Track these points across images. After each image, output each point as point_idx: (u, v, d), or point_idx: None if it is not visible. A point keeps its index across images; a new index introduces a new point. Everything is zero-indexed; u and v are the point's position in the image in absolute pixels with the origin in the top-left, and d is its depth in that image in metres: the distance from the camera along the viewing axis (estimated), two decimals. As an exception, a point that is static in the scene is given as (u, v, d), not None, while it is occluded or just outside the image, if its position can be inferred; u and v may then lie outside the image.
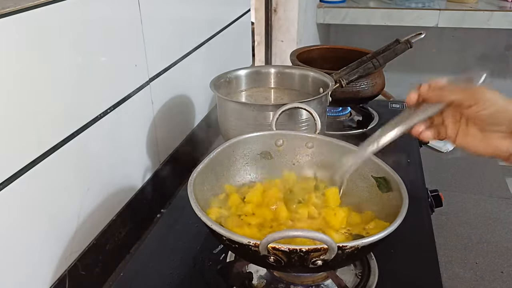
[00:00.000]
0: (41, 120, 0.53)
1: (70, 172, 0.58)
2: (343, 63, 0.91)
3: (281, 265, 0.44)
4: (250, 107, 0.72)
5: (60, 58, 0.55)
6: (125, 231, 0.72)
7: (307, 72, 0.84)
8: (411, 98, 0.50)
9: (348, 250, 0.43)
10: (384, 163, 0.57)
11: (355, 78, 0.83)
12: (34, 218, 0.53)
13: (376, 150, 0.53)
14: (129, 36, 0.70)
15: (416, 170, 0.80)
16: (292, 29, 1.63)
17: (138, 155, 0.77)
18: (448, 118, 0.49)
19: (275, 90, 0.86)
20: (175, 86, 0.87)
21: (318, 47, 1.06)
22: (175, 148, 0.89)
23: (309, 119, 0.71)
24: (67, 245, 0.59)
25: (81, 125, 0.60)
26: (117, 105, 0.68)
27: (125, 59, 0.69)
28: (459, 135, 0.49)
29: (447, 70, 2.43)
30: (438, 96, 0.48)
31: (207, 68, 0.99)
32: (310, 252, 0.42)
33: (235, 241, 0.44)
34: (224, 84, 0.81)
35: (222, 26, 1.08)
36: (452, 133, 0.49)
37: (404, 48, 0.82)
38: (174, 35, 0.85)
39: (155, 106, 0.80)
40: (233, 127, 0.74)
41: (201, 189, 0.54)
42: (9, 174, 0.48)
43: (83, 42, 0.59)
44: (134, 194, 0.75)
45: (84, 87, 0.60)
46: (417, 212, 0.67)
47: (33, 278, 0.54)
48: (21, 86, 0.49)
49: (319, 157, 0.64)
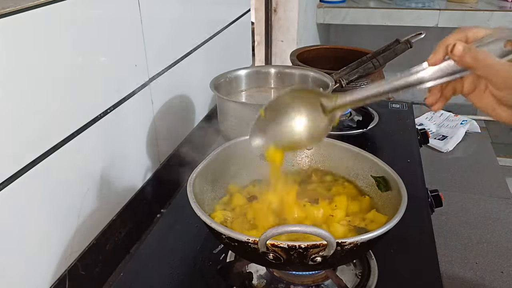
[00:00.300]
0: (40, 120, 0.53)
1: (70, 172, 0.59)
2: (343, 63, 0.91)
3: (281, 262, 0.44)
4: (250, 107, 0.72)
5: (60, 58, 0.55)
6: (125, 231, 0.72)
7: (307, 72, 0.84)
8: (436, 59, 0.42)
9: (347, 246, 0.43)
10: (383, 162, 0.57)
11: (355, 78, 0.83)
12: (34, 218, 0.53)
13: (381, 93, 0.45)
14: (129, 36, 0.70)
15: (416, 170, 0.79)
16: (292, 29, 1.63)
17: (138, 155, 0.77)
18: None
19: (275, 90, 0.87)
20: (175, 86, 0.87)
21: (318, 47, 1.06)
22: (175, 148, 0.89)
23: (309, 119, 0.71)
24: (67, 245, 0.59)
25: (81, 125, 0.60)
26: (117, 105, 0.68)
27: (125, 59, 0.69)
28: (475, 93, 0.43)
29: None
30: (474, 58, 0.39)
31: (207, 68, 0.99)
32: (309, 248, 0.42)
33: (234, 239, 0.44)
34: (224, 84, 0.81)
35: (222, 26, 1.08)
36: (468, 89, 0.43)
37: (404, 48, 0.82)
38: (174, 35, 0.85)
39: (155, 106, 0.80)
40: (233, 127, 0.74)
41: (201, 190, 0.54)
42: (9, 174, 0.48)
43: (83, 42, 0.59)
44: (134, 194, 0.75)
45: (84, 87, 0.60)
46: (417, 212, 0.67)
47: (33, 278, 0.54)
48: (20, 85, 0.49)
49: (319, 158, 0.64)
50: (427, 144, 1.00)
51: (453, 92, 0.45)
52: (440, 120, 1.18)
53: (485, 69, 0.40)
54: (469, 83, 0.43)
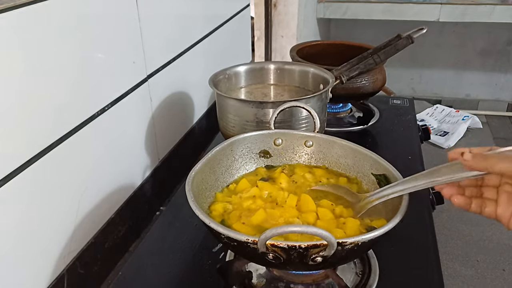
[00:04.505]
0: (38, 118, 0.52)
1: (67, 170, 0.58)
2: (343, 58, 0.90)
3: (281, 262, 0.44)
4: (249, 104, 0.71)
5: (56, 55, 0.54)
6: (124, 229, 0.72)
7: (307, 68, 0.83)
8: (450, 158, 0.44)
9: (347, 246, 0.42)
10: (384, 160, 0.56)
11: (356, 74, 0.82)
12: (31, 217, 0.53)
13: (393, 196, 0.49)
14: (127, 33, 0.69)
15: (417, 167, 0.79)
16: (292, 24, 1.62)
17: (137, 152, 0.77)
18: (490, 191, 0.43)
19: (274, 86, 0.86)
20: (173, 82, 0.86)
21: (318, 42, 1.05)
22: (174, 145, 0.88)
23: (309, 116, 0.70)
24: (65, 244, 0.58)
25: (78, 123, 0.59)
26: (115, 102, 0.67)
27: (122, 56, 0.69)
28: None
29: (447, 65, 2.42)
30: (484, 166, 0.39)
31: (207, 64, 0.99)
32: (309, 248, 0.42)
33: (233, 239, 0.44)
34: (223, 81, 0.80)
35: (221, 21, 1.07)
36: (504, 213, 0.41)
37: (405, 43, 0.81)
38: (172, 31, 0.84)
39: (154, 103, 0.79)
40: (232, 124, 0.73)
41: (199, 188, 0.53)
42: (6, 172, 0.48)
43: (80, 39, 0.58)
44: (133, 192, 0.75)
45: (81, 84, 0.59)
46: (418, 209, 0.67)
47: (31, 277, 0.54)
48: (17, 83, 0.49)
49: (319, 156, 0.63)
50: (429, 140, 0.99)
51: (481, 210, 0.44)
52: (442, 116, 1.18)
53: (501, 166, 0.38)
54: (504, 200, 0.42)
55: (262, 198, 0.56)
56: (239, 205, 0.55)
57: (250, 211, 0.53)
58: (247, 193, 0.56)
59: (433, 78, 2.45)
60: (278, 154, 0.64)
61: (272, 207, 0.54)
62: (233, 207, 0.54)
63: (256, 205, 0.54)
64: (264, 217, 0.52)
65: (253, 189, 0.56)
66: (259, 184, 0.58)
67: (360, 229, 0.50)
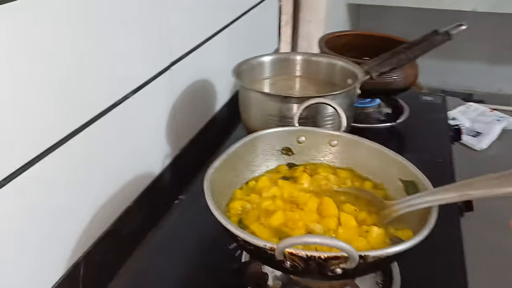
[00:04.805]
0: (58, 106, 0.51)
1: (88, 157, 0.58)
2: (373, 51, 0.86)
3: (298, 271, 0.42)
4: (273, 98, 0.69)
5: (74, 41, 0.52)
6: (142, 217, 0.71)
7: (335, 61, 0.80)
8: None
9: (370, 259, 0.40)
10: (413, 166, 0.53)
11: (387, 70, 0.78)
12: (49, 205, 0.52)
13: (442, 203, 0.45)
14: (151, 19, 0.67)
15: (447, 171, 0.75)
16: (321, 8, 1.56)
17: (158, 141, 0.76)
18: None
19: (300, 79, 0.82)
20: (196, 70, 0.84)
21: (348, 33, 1.01)
22: (195, 134, 0.87)
23: (335, 112, 0.67)
24: (82, 231, 0.58)
25: (99, 111, 0.58)
26: (137, 90, 0.66)
27: (147, 43, 0.67)
28: None
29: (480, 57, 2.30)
30: None
31: (231, 50, 0.96)
32: (329, 259, 0.40)
33: (250, 243, 0.42)
34: (246, 71, 0.77)
35: (247, 8, 1.04)
36: None
37: (442, 40, 0.76)
38: (196, 18, 0.81)
39: (176, 91, 0.78)
40: (254, 117, 0.71)
41: (218, 185, 0.52)
42: (28, 158, 0.48)
43: (101, 24, 0.56)
44: (152, 180, 0.74)
45: (101, 72, 0.58)
46: (446, 216, 0.63)
47: (47, 264, 0.54)
48: (28, 72, 0.48)
49: (343, 156, 0.60)
50: (460, 141, 0.94)
51: None
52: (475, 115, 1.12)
53: None
54: None
55: (282, 198, 0.54)
56: (258, 205, 0.53)
57: (269, 212, 0.51)
58: (267, 192, 0.54)
59: (465, 71, 2.35)
60: (300, 152, 0.61)
61: (291, 208, 0.52)
62: (251, 207, 0.53)
63: (275, 206, 0.52)
64: (283, 220, 0.50)
65: (273, 189, 0.54)
66: (279, 183, 0.56)
67: (384, 239, 0.48)
